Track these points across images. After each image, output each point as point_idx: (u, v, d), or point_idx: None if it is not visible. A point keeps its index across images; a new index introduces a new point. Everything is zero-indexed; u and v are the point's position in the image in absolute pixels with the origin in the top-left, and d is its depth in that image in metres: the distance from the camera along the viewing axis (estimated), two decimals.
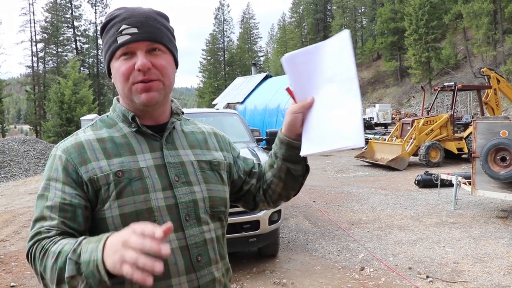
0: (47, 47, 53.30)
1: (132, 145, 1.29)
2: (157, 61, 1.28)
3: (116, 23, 1.28)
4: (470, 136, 13.69)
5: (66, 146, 1.28)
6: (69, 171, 1.23)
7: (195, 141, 1.44)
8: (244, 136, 6.99)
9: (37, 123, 46.85)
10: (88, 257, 1.02)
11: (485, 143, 7.37)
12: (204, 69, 70.54)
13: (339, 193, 10.37)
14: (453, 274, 5.14)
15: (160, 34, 1.30)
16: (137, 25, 1.26)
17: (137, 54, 1.26)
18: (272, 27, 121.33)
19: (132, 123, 1.32)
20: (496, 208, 8.30)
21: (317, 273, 5.31)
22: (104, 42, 1.32)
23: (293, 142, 1.38)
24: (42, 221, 1.19)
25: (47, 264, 1.09)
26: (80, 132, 1.33)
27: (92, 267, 1.01)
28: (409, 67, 50.17)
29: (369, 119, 36.95)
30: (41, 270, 1.11)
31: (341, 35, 1.23)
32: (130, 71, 1.26)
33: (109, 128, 1.33)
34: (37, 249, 1.13)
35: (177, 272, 1.23)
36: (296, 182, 1.50)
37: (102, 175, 1.22)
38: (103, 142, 1.28)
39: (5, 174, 15.63)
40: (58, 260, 1.06)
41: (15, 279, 5.49)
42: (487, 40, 41.78)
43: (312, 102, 1.29)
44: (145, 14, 1.29)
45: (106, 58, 1.32)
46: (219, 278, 1.34)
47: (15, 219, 8.92)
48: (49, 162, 1.28)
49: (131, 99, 1.29)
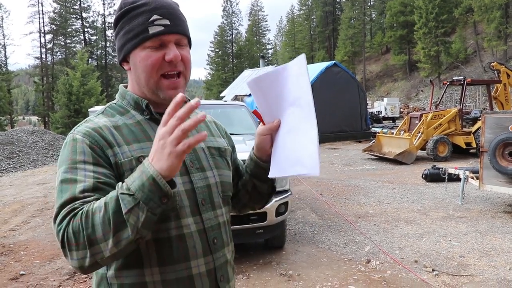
0: (56, 38, 53.38)
1: (147, 132, 1.31)
2: (184, 54, 1.30)
3: (146, 12, 1.27)
4: (478, 130, 13.61)
5: (85, 130, 1.25)
6: (98, 152, 1.21)
7: (201, 129, 1.47)
8: (251, 128, 7.00)
9: (45, 114, 47.03)
10: (139, 182, 1.03)
11: (493, 138, 7.33)
12: (212, 61, 70.42)
13: (346, 186, 10.37)
14: (459, 267, 5.14)
15: (186, 27, 1.33)
16: (169, 17, 1.28)
17: (167, 46, 1.27)
18: (281, 19, 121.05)
19: (145, 111, 1.34)
20: (504, 203, 8.27)
21: (323, 265, 5.33)
22: (127, 29, 1.29)
23: (259, 163, 1.44)
24: (73, 201, 1.11)
25: (96, 220, 1.03)
26: (94, 119, 1.32)
27: (149, 186, 1.02)
28: (418, 61, 49.90)
29: (377, 112, 36.79)
30: (89, 233, 1.03)
31: (298, 59, 1.24)
32: (159, 62, 1.27)
33: (122, 116, 1.33)
34: (76, 219, 1.05)
35: (196, 254, 1.27)
36: (261, 199, 1.56)
37: (126, 160, 1.22)
38: (119, 129, 1.28)
39: (14, 165, 15.75)
40: (108, 209, 1.03)
41: (24, 268, 5.56)
42: (498, 34, 41.40)
43: (278, 125, 1.30)
44: (172, 6, 1.31)
45: (128, 45, 1.30)
46: (230, 260, 1.40)
47: (24, 209, 9.00)
48: (69, 147, 1.22)
49: (154, 91, 1.30)
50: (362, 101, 24.05)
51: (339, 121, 22.33)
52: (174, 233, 1.23)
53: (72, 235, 1.04)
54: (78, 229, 1.04)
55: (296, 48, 73.88)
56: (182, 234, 1.24)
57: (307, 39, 74.56)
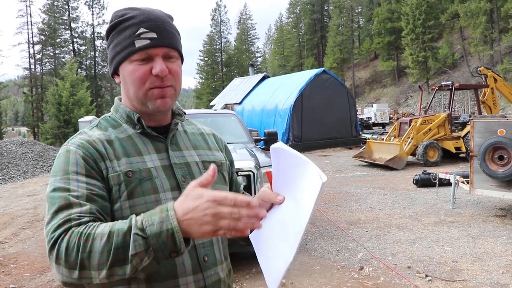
0: (45, 49, 53.17)
1: (138, 146, 1.29)
2: (172, 67, 1.28)
3: (133, 25, 1.26)
4: (467, 135, 13.72)
5: (79, 142, 1.24)
6: (91, 164, 1.20)
7: (197, 142, 1.45)
8: (242, 136, 7.00)
9: (34, 125, 46.74)
10: (158, 228, 0.98)
11: (482, 142, 7.38)
12: (201, 70, 70.45)
13: (338, 193, 10.38)
14: (452, 272, 5.15)
15: (175, 40, 1.31)
16: (156, 30, 1.26)
17: (154, 59, 1.25)
18: (270, 27, 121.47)
19: (136, 125, 1.32)
20: (494, 206, 8.32)
21: (316, 273, 5.32)
22: (116, 42, 1.29)
23: None
24: (69, 209, 1.09)
25: (95, 247, 0.99)
26: (88, 131, 1.31)
27: (164, 238, 0.98)
28: (406, 67, 50.28)
29: (367, 119, 37.01)
30: (83, 257, 0.99)
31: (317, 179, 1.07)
32: (146, 76, 1.25)
33: (114, 129, 1.32)
34: (72, 237, 1.02)
35: (185, 272, 1.24)
36: (233, 243, 1.49)
37: (115, 174, 1.21)
38: (112, 143, 1.27)
39: (3, 176, 15.61)
40: (111, 240, 0.99)
41: (14, 281, 5.49)
42: (484, 39, 41.92)
43: (281, 203, 1.20)
44: (161, 18, 1.29)
45: (117, 58, 1.29)
46: (224, 279, 1.36)
47: (14, 221, 8.90)
48: (62, 158, 1.21)
49: (143, 103, 1.29)
50: (352, 108, 24.17)
51: (329, 128, 22.43)
52: None
53: (64, 251, 1.01)
54: (72, 248, 1.00)
55: (285, 56, 74.24)
56: None
57: (295, 46, 74.86)
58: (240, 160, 5.36)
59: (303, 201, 1.11)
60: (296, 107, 21.76)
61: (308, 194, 1.10)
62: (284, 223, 1.15)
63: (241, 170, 5.25)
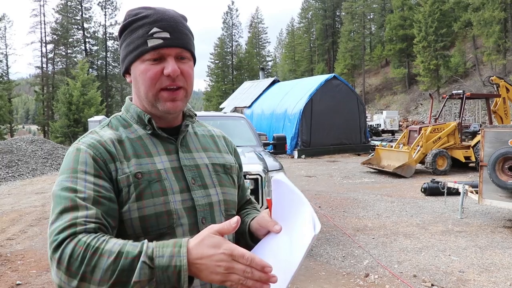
0: (57, 48, 53.70)
1: (148, 147, 1.29)
2: (184, 68, 1.28)
3: (146, 24, 1.26)
4: (477, 144, 13.63)
5: (90, 141, 1.23)
6: (100, 165, 1.19)
7: (207, 144, 1.44)
8: (251, 140, 7.01)
9: (45, 123, 47.16)
10: (166, 262, 0.99)
11: (493, 152, 7.33)
12: (212, 73, 70.65)
13: (345, 199, 10.35)
14: (459, 283, 5.11)
15: (188, 41, 1.30)
16: (169, 30, 1.26)
17: (167, 59, 1.25)
18: (281, 32, 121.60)
19: (147, 125, 1.32)
20: (503, 217, 8.25)
21: (321, 279, 5.30)
22: (129, 41, 1.29)
23: (248, 240, 1.39)
24: (74, 211, 1.08)
25: (100, 263, 0.99)
26: (99, 131, 1.30)
27: (170, 273, 0.98)
28: (417, 74, 50.09)
29: (376, 125, 36.92)
30: (87, 270, 0.99)
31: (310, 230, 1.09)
32: (158, 76, 1.25)
33: (125, 129, 1.32)
34: (79, 245, 1.01)
35: None
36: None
37: (124, 176, 1.20)
38: (122, 143, 1.27)
39: (13, 174, 15.72)
40: (118, 261, 0.99)
41: (21, 278, 5.52)
42: (497, 48, 41.63)
43: (277, 232, 1.23)
44: (174, 19, 1.29)
45: (129, 57, 1.29)
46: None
47: (22, 218, 8.97)
48: (71, 156, 1.21)
49: (153, 104, 1.29)
50: (361, 114, 24.10)
51: (338, 133, 22.39)
52: None
53: (68, 258, 1.00)
54: (77, 257, 1.00)
55: (296, 61, 74.26)
56: None
57: (306, 51, 74.93)
58: (248, 163, 5.36)
59: (296, 244, 1.12)
60: (305, 112, 21.73)
61: (300, 240, 1.11)
62: (278, 256, 1.16)
63: (249, 174, 5.25)
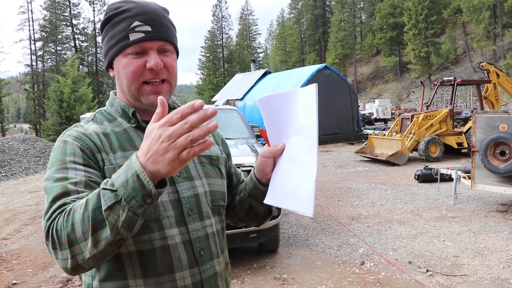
0: (46, 45, 53.18)
1: (133, 140, 1.29)
2: (167, 61, 1.27)
3: (127, 18, 1.25)
4: (469, 130, 13.69)
5: (76, 134, 1.23)
6: (88, 155, 1.19)
7: None
8: (243, 132, 7.01)
9: (36, 121, 46.79)
10: (123, 178, 0.97)
11: (484, 138, 7.38)
12: (203, 66, 70.47)
13: (339, 188, 10.38)
14: (453, 267, 5.16)
15: (170, 33, 1.30)
16: (151, 23, 1.25)
17: (149, 53, 1.25)
18: (271, 23, 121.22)
19: (132, 119, 1.32)
20: (496, 202, 8.32)
21: (317, 268, 5.33)
22: (110, 35, 1.28)
23: (258, 185, 1.39)
24: (66, 196, 1.07)
25: (75, 218, 0.98)
26: (84, 125, 1.31)
27: (132, 183, 0.95)
28: (408, 62, 50.18)
29: (368, 114, 37.01)
30: (69, 232, 0.98)
31: (309, 88, 1.18)
32: (140, 69, 1.24)
33: (109, 123, 1.32)
34: (59, 220, 1.00)
35: (181, 266, 1.23)
36: (256, 219, 1.51)
37: (111, 167, 1.20)
38: (108, 136, 1.27)
39: (6, 173, 15.65)
40: (88, 206, 0.97)
41: (16, 277, 5.51)
42: (487, 35, 41.74)
43: (282, 149, 1.25)
44: (155, 12, 1.28)
45: (111, 52, 1.29)
46: (220, 272, 1.35)
47: (16, 217, 8.93)
48: (59, 149, 1.20)
49: (137, 98, 1.28)
50: (354, 103, 24.15)
51: (331, 123, 22.41)
52: (158, 244, 1.20)
53: (55, 234, 1.00)
54: (60, 228, 0.99)
55: (287, 52, 74.14)
56: (166, 245, 1.21)
57: (297, 42, 74.76)
58: (242, 155, 5.36)
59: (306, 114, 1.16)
60: None
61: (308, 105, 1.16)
62: (294, 153, 1.19)
63: (243, 166, 5.25)
